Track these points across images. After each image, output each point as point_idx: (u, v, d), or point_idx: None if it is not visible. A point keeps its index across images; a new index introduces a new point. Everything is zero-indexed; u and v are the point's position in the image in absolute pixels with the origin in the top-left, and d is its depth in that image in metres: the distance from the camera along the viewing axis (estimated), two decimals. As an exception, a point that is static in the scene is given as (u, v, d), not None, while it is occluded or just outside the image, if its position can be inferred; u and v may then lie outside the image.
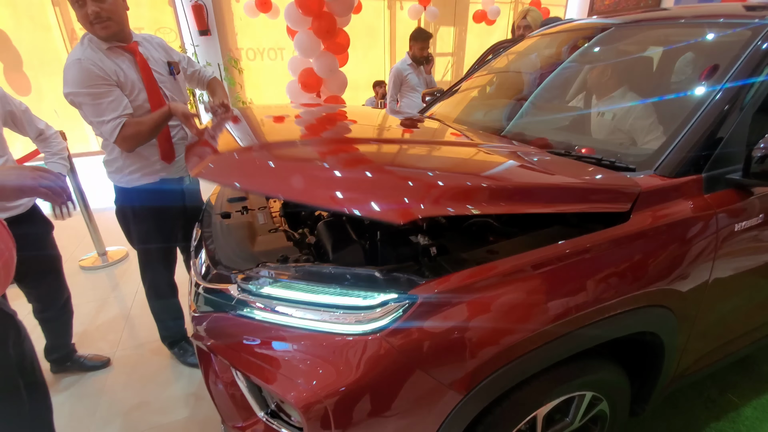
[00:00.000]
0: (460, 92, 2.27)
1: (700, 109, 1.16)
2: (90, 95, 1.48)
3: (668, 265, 1.07)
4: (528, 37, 2.27)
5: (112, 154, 1.74)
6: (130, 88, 1.56)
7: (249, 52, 5.86)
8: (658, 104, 1.47)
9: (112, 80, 1.50)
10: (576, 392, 1.13)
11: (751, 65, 1.18)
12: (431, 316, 0.85)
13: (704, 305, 1.19)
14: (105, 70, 1.49)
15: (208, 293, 1.06)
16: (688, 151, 1.12)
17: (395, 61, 6.97)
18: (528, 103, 1.85)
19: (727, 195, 1.15)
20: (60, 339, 1.99)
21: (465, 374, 0.87)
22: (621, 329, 1.07)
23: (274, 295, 0.93)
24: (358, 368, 0.81)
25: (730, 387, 1.79)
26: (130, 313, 2.50)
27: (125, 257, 3.20)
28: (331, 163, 1.00)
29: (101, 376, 2.01)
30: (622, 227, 1.01)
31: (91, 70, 1.45)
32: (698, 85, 1.31)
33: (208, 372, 1.03)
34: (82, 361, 2.05)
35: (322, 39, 3.37)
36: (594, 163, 1.20)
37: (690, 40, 1.55)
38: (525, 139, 1.55)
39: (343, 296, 0.89)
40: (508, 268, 0.91)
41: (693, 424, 1.63)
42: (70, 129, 5.20)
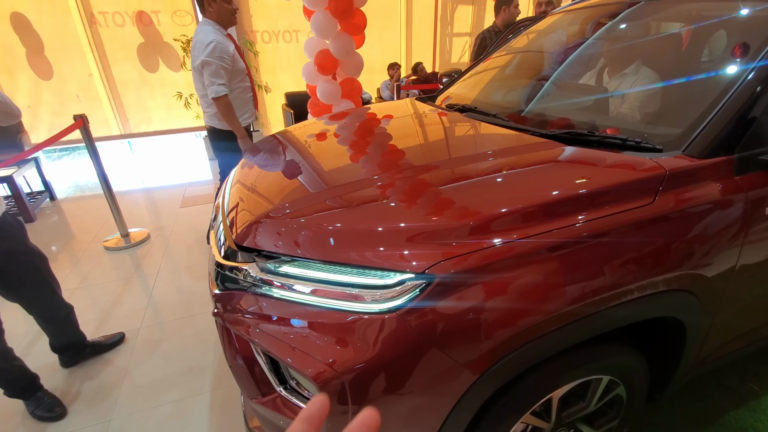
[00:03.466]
0: (479, 73, 2.22)
1: (733, 88, 1.11)
2: (215, 64, 2.41)
3: (694, 249, 1.04)
4: (551, 14, 2.18)
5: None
6: (234, 58, 2.52)
7: (264, 35, 5.82)
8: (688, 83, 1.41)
9: (230, 56, 2.48)
10: (593, 376, 1.13)
11: (790, 41, 1.12)
12: (448, 295, 0.85)
13: (730, 291, 1.16)
14: (228, 50, 2.46)
15: (228, 272, 1.08)
16: (719, 131, 1.07)
17: (411, 42, 6.84)
18: (549, 82, 1.79)
19: (760, 177, 1.10)
20: (70, 338, 1.96)
21: (481, 354, 0.87)
22: (642, 313, 1.05)
23: (292, 274, 0.95)
24: (374, 346, 0.82)
25: (751, 376, 1.75)
26: (152, 292, 2.58)
27: (147, 238, 3.28)
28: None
29: (126, 352, 2.09)
30: (645, 209, 0.98)
31: (224, 48, 2.43)
32: (731, 62, 1.24)
33: (229, 348, 1.05)
34: (99, 343, 2.06)
35: (338, 19, 3.32)
36: (619, 144, 1.16)
37: (723, 15, 1.46)
38: (546, 119, 1.52)
39: (360, 276, 0.90)
40: (527, 249, 0.90)
41: (711, 411, 1.61)
42: (92, 112, 5.33)
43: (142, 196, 4.31)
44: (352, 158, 1.49)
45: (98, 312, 2.40)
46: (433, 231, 0.91)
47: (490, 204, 0.97)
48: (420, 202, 1.05)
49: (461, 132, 1.61)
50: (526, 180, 1.11)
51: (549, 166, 1.16)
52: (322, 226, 1.00)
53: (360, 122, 1.95)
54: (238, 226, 1.14)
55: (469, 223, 0.91)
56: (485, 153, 1.31)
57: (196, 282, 2.68)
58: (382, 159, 1.41)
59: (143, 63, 5.44)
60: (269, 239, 1.04)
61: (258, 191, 1.37)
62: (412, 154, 1.42)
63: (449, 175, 1.18)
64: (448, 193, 1.07)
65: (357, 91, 3.68)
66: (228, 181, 1.65)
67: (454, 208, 0.99)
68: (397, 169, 1.26)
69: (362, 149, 1.58)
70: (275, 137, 1.88)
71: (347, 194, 1.14)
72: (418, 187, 1.12)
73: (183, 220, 3.64)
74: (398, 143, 1.58)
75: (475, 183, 1.11)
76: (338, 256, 0.93)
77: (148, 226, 3.52)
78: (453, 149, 1.47)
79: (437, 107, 1.94)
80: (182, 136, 6.03)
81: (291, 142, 1.77)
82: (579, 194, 0.97)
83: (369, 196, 1.11)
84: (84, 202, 4.19)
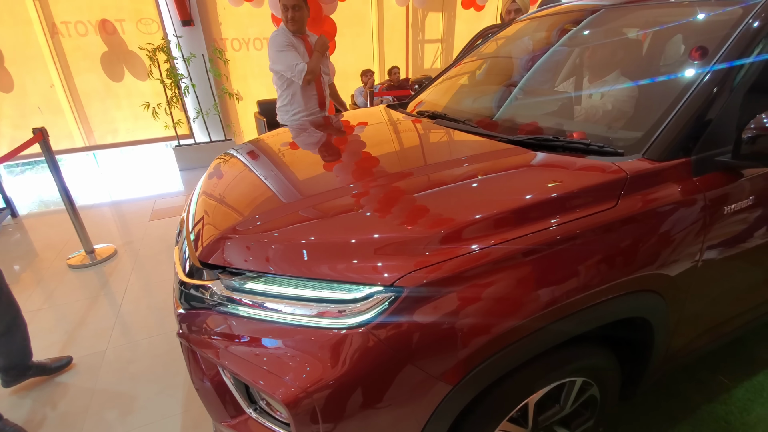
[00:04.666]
0: (449, 79, 2.24)
1: (689, 91, 1.15)
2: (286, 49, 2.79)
3: (657, 250, 1.06)
4: (516, 21, 2.23)
5: (285, 101, 3.01)
6: (302, 57, 2.86)
7: (234, 42, 5.73)
8: (647, 87, 1.45)
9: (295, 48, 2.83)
10: (567, 378, 1.13)
11: (741, 45, 1.17)
12: (419, 306, 0.83)
13: (694, 289, 1.19)
14: (294, 44, 2.82)
15: (192, 290, 1.03)
16: (677, 134, 1.11)
17: (384, 49, 6.89)
18: (518, 88, 1.82)
19: (716, 177, 1.14)
20: (15, 359, 1.84)
21: (454, 365, 0.86)
22: (611, 315, 1.07)
23: (259, 291, 0.92)
24: (344, 363, 0.80)
25: (720, 369, 1.81)
26: (120, 311, 2.47)
27: (113, 254, 3.15)
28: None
29: (91, 375, 1.99)
30: (609, 213, 0.99)
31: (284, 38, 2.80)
32: (687, 66, 1.29)
33: (195, 370, 1.01)
34: (44, 366, 1.94)
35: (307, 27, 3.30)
36: (583, 148, 1.18)
37: (680, 20, 1.52)
38: (515, 124, 1.54)
39: (329, 290, 0.88)
40: (498, 256, 0.89)
41: (684, 406, 1.65)
42: (55, 124, 5.11)
43: (109, 210, 4.15)
44: (325, 167, 1.46)
45: (62, 333, 2.28)
46: (405, 241, 0.90)
47: (460, 212, 0.97)
48: (393, 212, 1.03)
49: (433, 139, 1.62)
50: (495, 187, 1.11)
51: (517, 172, 1.17)
52: (295, 240, 0.97)
53: (333, 130, 1.94)
54: (203, 241, 1.10)
55: (441, 231, 0.90)
56: (456, 160, 1.31)
57: (169, 298, 2.58)
58: (356, 167, 1.40)
59: (108, 73, 5.27)
60: (236, 255, 1.00)
61: (226, 203, 1.33)
62: (386, 161, 1.41)
63: (421, 182, 1.17)
64: (421, 201, 1.07)
65: (330, 98, 3.65)
66: (194, 192, 1.60)
67: (426, 217, 0.98)
68: (370, 178, 1.25)
69: (336, 157, 1.56)
70: (247, 146, 1.84)
71: (321, 204, 1.12)
72: (390, 196, 1.11)
73: (153, 233, 3.52)
74: (371, 151, 1.57)
75: (447, 191, 1.11)
76: (309, 271, 0.90)
77: (116, 241, 3.38)
78: (425, 156, 1.47)
79: (409, 114, 1.95)
80: (151, 147, 5.85)
81: (263, 150, 1.74)
82: (546, 199, 0.98)
83: (342, 206, 1.09)
84: (48, 218, 4.00)
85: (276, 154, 1.69)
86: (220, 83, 5.61)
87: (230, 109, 5.95)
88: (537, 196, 0.99)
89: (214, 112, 5.45)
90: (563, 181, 1.04)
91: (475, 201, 1.03)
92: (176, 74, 4.97)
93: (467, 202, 1.03)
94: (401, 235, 0.92)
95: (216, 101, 5.45)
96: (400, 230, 0.94)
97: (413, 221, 0.97)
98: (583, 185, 1.01)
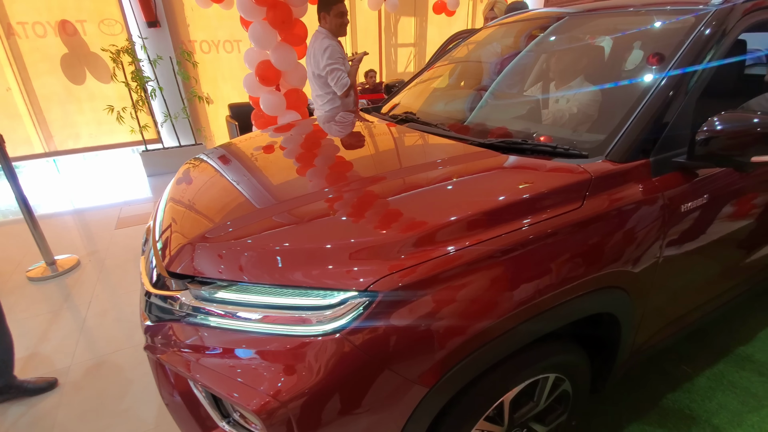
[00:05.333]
0: (422, 83, 2.26)
1: (647, 96, 1.20)
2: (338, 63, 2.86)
3: (621, 248, 1.11)
4: (484, 27, 2.28)
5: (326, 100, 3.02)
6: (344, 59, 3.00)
7: (203, 45, 5.60)
8: (609, 91, 1.51)
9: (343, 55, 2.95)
10: (540, 375, 1.16)
11: (693, 52, 1.24)
12: (394, 310, 0.83)
13: (656, 284, 1.25)
14: (340, 50, 2.91)
15: (159, 301, 1.00)
16: (636, 136, 1.16)
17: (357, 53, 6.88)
18: (488, 93, 1.86)
19: (674, 177, 1.20)
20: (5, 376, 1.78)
21: (430, 367, 0.87)
22: (581, 311, 1.11)
23: (229, 300, 0.89)
24: (319, 371, 0.79)
25: (683, 359, 1.90)
26: (85, 324, 2.36)
27: (77, 265, 3.01)
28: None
29: (54, 394, 1.89)
30: (575, 213, 1.03)
31: (340, 50, 2.90)
32: (645, 72, 1.35)
33: (164, 384, 0.97)
34: (25, 386, 1.86)
35: (278, 30, 3.27)
36: (550, 151, 1.22)
37: (638, 28, 1.60)
38: (486, 128, 1.57)
39: (303, 297, 0.87)
40: (471, 257, 0.91)
41: (651, 396, 1.72)
42: (11, 129, 4.85)
43: (72, 219, 3.96)
44: (299, 171, 1.45)
45: (22, 350, 2.15)
46: (379, 245, 0.90)
47: (434, 214, 0.98)
48: (367, 216, 1.03)
49: (406, 142, 1.63)
50: (468, 189, 1.13)
51: (488, 174, 1.20)
52: (269, 246, 0.95)
53: (307, 134, 1.92)
54: (170, 250, 1.07)
55: (415, 234, 0.91)
56: (429, 163, 1.32)
57: (136, 310, 2.49)
58: (330, 171, 1.39)
59: (68, 75, 5.05)
60: (206, 263, 0.98)
61: (196, 209, 1.29)
62: (360, 165, 1.41)
63: (395, 186, 1.18)
64: (395, 204, 1.07)
65: (303, 101, 3.63)
66: (161, 199, 1.55)
67: (400, 221, 0.98)
68: (344, 182, 1.24)
69: (310, 162, 1.55)
70: (217, 150, 1.80)
71: (295, 209, 1.10)
72: (365, 200, 1.11)
73: (119, 242, 3.38)
74: (345, 155, 1.56)
75: (420, 194, 1.12)
76: (283, 278, 0.89)
77: (79, 251, 3.23)
78: (399, 160, 1.48)
79: (382, 117, 1.95)
80: (116, 152, 5.64)
81: (235, 155, 1.70)
82: (516, 201, 1.00)
83: (316, 211, 1.08)
84: (5, 228, 3.78)
85: (248, 158, 1.66)
86: (189, 86, 5.47)
87: (200, 112, 5.80)
88: (508, 198, 1.01)
89: (183, 116, 5.30)
90: (532, 183, 1.07)
91: (449, 203, 1.04)
92: (142, 77, 4.81)
93: (441, 204, 1.04)
94: (376, 239, 0.92)
95: (185, 105, 5.31)
96: (375, 234, 0.94)
97: (387, 225, 0.97)
98: (551, 187, 1.04)
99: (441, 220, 0.95)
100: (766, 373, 1.82)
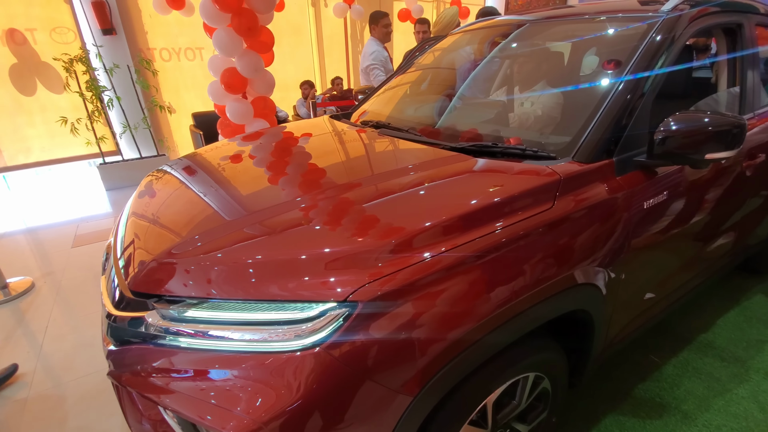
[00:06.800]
0: (391, 89, 2.27)
1: (607, 98, 1.26)
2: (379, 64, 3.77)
3: (592, 245, 1.14)
4: (451, 34, 2.32)
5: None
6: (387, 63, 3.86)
7: (163, 53, 5.42)
8: (570, 94, 1.57)
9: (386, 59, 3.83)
10: (521, 375, 1.17)
11: (648, 56, 1.30)
12: (375, 320, 0.82)
13: (624, 278, 1.29)
14: (384, 54, 3.84)
15: (122, 323, 0.94)
16: (600, 137, 1.20)
17: (324, 60, 6.87)
18: (456, 97, 1.89)
19: (636, 176, 1.26)
20: None
21: (414, 375, 0.86)
22: (558, 309, 1.13)
23: (201, 318, 0.85)
24: (299, 388, 0.76)
25: (651, 349, 1.98)
26: (42, 351, 2.19)
27: (31, 288, 2.81)
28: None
29: (13, 427, 1.74)
30: (548, 213, 1.05)
31: (381, 54, 3.81)
32: (604, 76, 1.41)
33: (131, 412, 0.91)
34: None
35: (243, 37, 3.20)
36: (519, 154, 1.24)
37: (595, 34, 1.67)
38: (457, 132, 1.59)
39: (280, 311, 0.84)
40: (451, 261, 0.90)
41: (623, 387, 1.78)
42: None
43: (25, 239, 3.70)
44: (270, 180, 1.41)
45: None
46: (357, 253, 0.89)
47: (410, 220, 0.97)
48: (343, 224, 1.01)
49: (378, 148, 1.62)
50: (443, 194, 1.13)
51: (462, 178, 1.21)
52: (241, 260, 0.91)
53: (276, 142, 1.88)
54: (134, 267, 1.01)
55: (392, 241, 0.90)
56: (403, 169, 1.32)
57: (98, 333, 2.34)
58: (302, 180, 1.36)
59: (17, 86, 4.75)
60: (173, 281, 0.93)
61: (161, 223, 1.23)
62: (332, 172, 1.39)
63: (370, 193, 1.17)
64: (370, 211, 1.06)
65: (270, 109, 3.57)
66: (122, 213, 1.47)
67: (376, 228, 0.97)
68: (318, 190, 1.22)
69: (281, 170, 1.51)
70: (182, 161, 1.73)
71: (267, 220, 1.07)
72: (339, 208, 1.09)
73: (76, 261, 3.19)
74: (317, 162, 1.54)
75: (395, 200, 1.11)
76: (258, 292, 0.85)
77: (33, 273, 3.02)
78: (371, 166, 1.47)
79: (353, 124, 1.94)
80: (71, 166, 5.34)
81: (201, 165, 1.64)
82: (491, 204, 1.01)
83: (290, 221, 1.05)
84: (-56, 252, 3.48)
85: (216, 168, 1.60)
86: (149, 95, 5.26)
87: (162, 122, 5.59)
88: (484, 201, 1.02)
89: (143, 126, 5.09)
90: (506, 185, 1.08)
91: (424, 209, 1.04)
92: (97, 86, 4.58)
93: (416, 210, 1.04)
94: (353, 248, 0.90)
95: (145, 114, 5.10)
96: (351, 242, 0.93)
97: (364, 232, 0.96)
98: (524, 188, 1.06)
99: (418, 225, 0.94)
100: (727, 357, 1.92)
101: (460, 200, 1.05)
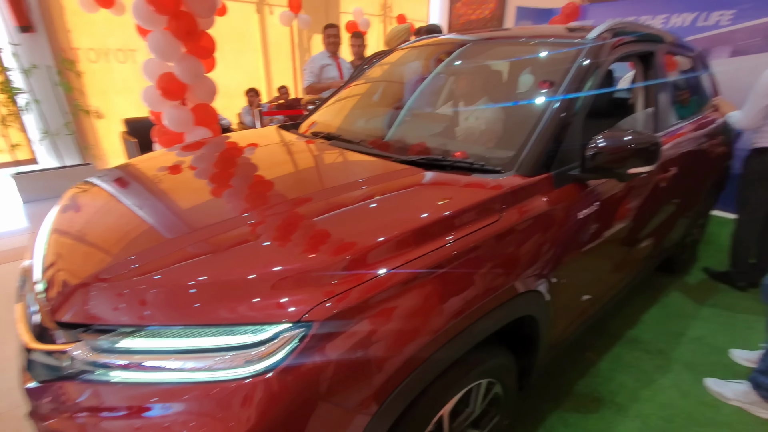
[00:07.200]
0: (340, 100, 2.26)
1: (545, 115, 1.35)
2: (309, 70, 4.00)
3: (535, 254, 1.20)
4: (398, 49, 2.37)
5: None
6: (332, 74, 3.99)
7: (90, 53, 4.99)
8: (512, 111, 1.66)
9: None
10: (474, 382, 1.20)
11: (578, 77, 1.42)
12: (331, 340, 0.80)
13: (564, 283, 1.38)
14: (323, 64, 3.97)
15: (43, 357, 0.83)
16: (540, 151, 1.28)
17: (270, 68, 6.72)
18: (404, 110, 1.92)
19: (572, 188, 1.35)
20: None
21: (372, 393, 0.85)
22: (507, 317, 1.17)
23: (136, 349, 0.78)
24: (249, 419, 0.72)
25: (588, 347, 2.12)
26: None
27: (-77, 318, 2.42)
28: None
29: None
30: (495, 225, 1.10)
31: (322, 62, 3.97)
32: (541, 94, 1.51)
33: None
34: None
35: (182, 41, 3.04)
36: (468, 167, 1.28)
37: (530, 55, 1.79)
38: (406, 145, 1.61)
39: (229, 335, 0.79)
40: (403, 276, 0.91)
41: (566, 385, 1.89)
42: None
43: None
44: (214, 194, 1.34)
45: None
46: (310, 270, 0.86)
47: (363, 235, 0.96)
48: (294, 240, 0.98)
49: (328, 160, 1.60)
50: (395, 207, 1.14)
51: (413, 191, 1.22)
52: (183, 282, 0.85)
53: (220, 152, 1.79)
54: (57, 293, 0.90)
55: (346, 257, 0.88)
56: (354, 182, 1.31)
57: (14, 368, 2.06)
58: (249, 193, 1.30)
59: None
60: (104, 307, 0.84)
61: (89, 242, 1.12)
62: (281, 185, 1.34)
63: (321, 207, 1.14)
64: (322, 226, 1.03)
65: (212, 117, 3.41)
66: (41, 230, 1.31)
67: (329, 243, 0.95)
68: (267, 204, 1.17)
69: (226, 183, 1.44)
70: (113, 172, 1.59)
71: (212, 238, 1.00)
72: (290, 223, 1.06)
73: (-16, 285, 2.80)
74: (265, 174, 1.48)
75: (347, 214, 1.10)
76: (203, 317, 0.80)
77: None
78: (322, 179, 1.45)
79: (302, 135, 1.91)
80: (-22, 177, 4.71)
81: (135, 177, 1.52)
82: (443, 218, 1.04)
83: (237, 238, 1.00)
84: None
85: (152, 180, 1.49)
86: (73, 99, 4.81)
87: (88, 128, 5.12)
88: (435, 215, 1.04)
89: (66, 132, 4.63)
90: (455, 198, 1.12)
91: (378, 223, 1.04)
92: (11, 88, 4.12)
93: (370, 225, 1.04)
94: (305, 265, 0.88)
95: (69, 119, 4.65)
96: (304, 260, 0.90)
97: (316, 248, 0.93)
98: (473, 202, 1.10)
99: (372, 240, 0.93)
100: (652, 350, 2.11)
101: (413, 214, 1.06)
